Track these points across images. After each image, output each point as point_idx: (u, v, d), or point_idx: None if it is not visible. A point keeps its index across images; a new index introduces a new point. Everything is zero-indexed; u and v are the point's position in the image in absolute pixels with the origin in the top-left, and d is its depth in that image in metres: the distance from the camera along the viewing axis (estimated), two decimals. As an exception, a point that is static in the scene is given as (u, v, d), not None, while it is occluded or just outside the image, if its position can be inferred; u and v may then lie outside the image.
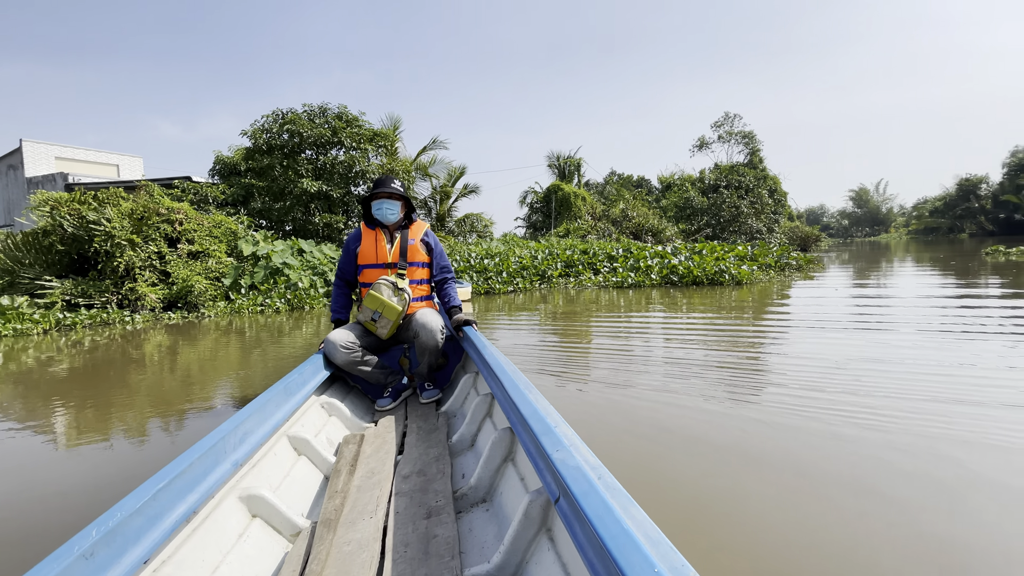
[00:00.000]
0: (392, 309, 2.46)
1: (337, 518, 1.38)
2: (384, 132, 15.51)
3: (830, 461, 2.23)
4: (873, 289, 9.11)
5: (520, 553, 1.10)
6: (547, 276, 11.61)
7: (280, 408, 1.75)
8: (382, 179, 2.64)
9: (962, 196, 43.93)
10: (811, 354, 4.27)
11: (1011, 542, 1.63)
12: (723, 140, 32.83)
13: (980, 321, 5.40)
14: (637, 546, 0.70)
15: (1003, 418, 2.62)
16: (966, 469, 2.10)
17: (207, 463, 1.25)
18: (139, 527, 0.99)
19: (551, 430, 1.12)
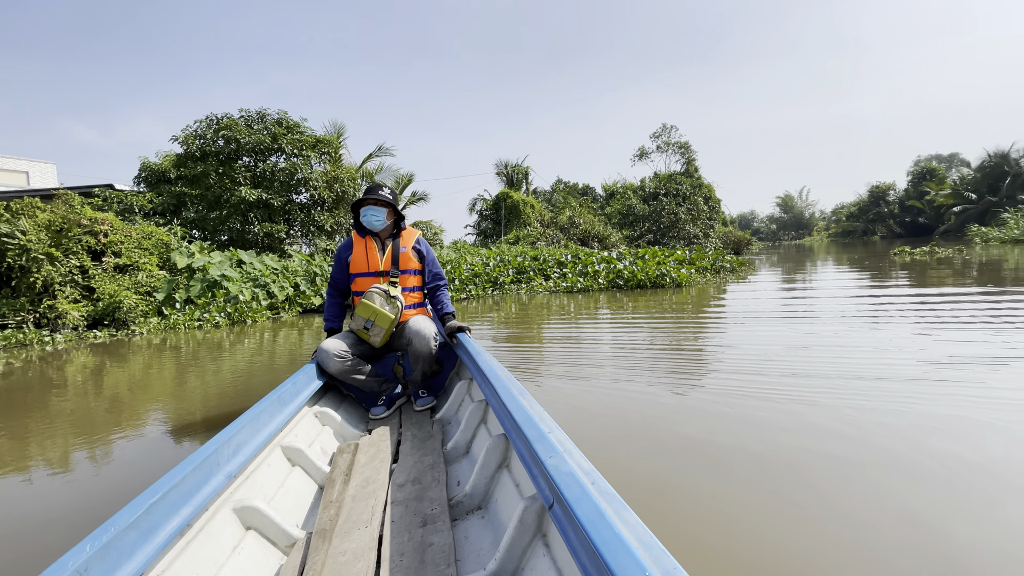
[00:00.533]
0: (385, 317, 2.45)
1: (332, 528, 1.38)
2: (327, 138, 15.13)
3: (768, 432, 2.55)
4: (799, 286, 9.93)
5: (516, 560, 1.10)
6: (499, 283, 11.71)
7: (273, 419, 1.74)
8: (371, 187, 2.64)
9: (873, 202, 48.22)
10: (747, 343, 4.73)
11: (912, 465, 2.10)
12: (661, 150, 34.33)
13: (889, 311, 6.08)
14: (629, 550, 0.70)
15: (905, 389, 3.11)
16: (882, 429, 2.55)
17: (200, 475, 1.24)
18: (133, 541, 0.99)
19: (544, 436, 1.12)
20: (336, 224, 15.87)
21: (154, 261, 9.29)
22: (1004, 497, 1.89)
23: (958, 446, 2.31)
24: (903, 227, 44.68)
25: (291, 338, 7.00)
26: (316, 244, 15.69)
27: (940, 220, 38.19)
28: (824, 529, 1.74)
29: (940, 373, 3.41)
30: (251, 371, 4.80)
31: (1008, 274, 9.44)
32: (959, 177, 38.61)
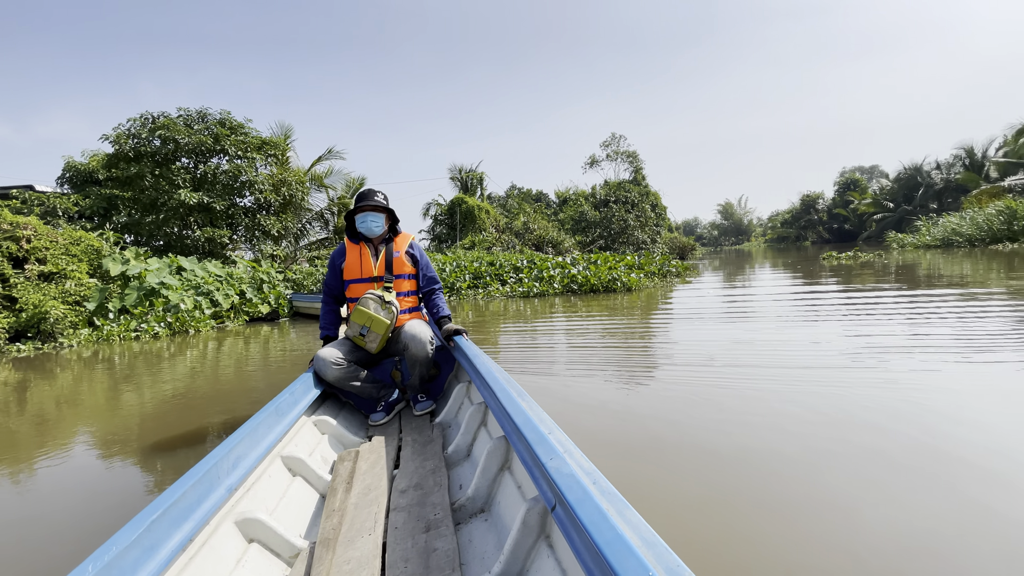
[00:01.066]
0: (380, 323, 2.44)
1: (335, 537, 1.37)
2: (274, 140, 14.63)
3: (715, 412, 2.91)
4: (740, 288, 10.59)
5: (520, 562, 1.10)
6: (456, 288, 11.69)
7: (272, 430, 1.73)
8: (365, 192, 2.62)
9: (804, 210, 51.61)
10: (693, 339, 5.19)
11: (841, 435, 2.37)
12: (611, 159, 35.33)
13: (819, 309, 6.65)
14: (631, 550, 0.71)
15: (833, 376, 3.52)
16: (811, 404, 3.00)
17: (201, 490, 1.23)
18: (135, 559, 0.98)
19: (545, 438, 1.12)
20: (283, 229, 15.33)
21: (84, 268, 8.65)
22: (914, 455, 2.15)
23: (883, 420, 2.68)
24: (831, 233, 48.07)
25: (237, 348, 6.71)
26: (262, 250, 15.09)
27: (863, 227, 41.40)
28: (763, 495, 1.93)
29: (861, 360, 3.86)
30: (192, 387, 4.60)
31: (920, 276, 10.41)
32: (879, 187, 42.07)
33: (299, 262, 17.39)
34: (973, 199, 25.64)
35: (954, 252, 17.79)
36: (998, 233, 18.92)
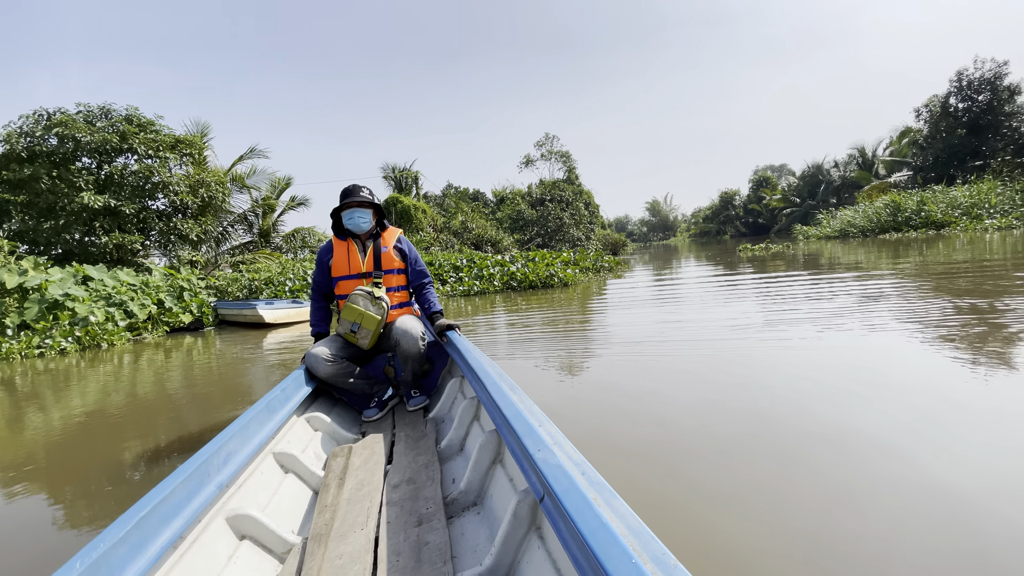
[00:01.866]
0: (371, 319, 2.42)
1: (328, 532, 1.37)
2: (189, 138, 13.73)
3: (649, 382, 3.44)
4: (667, 278, 11.37)
5: (511, 553, 1.11)
6: (392, 290, 11.56)
7: (263, 426, 1.72)
8: (350, 188, 2.57)
9: (723, 206, 55.32)
10: (627, 323, 5.92)
11: (758, 392, 2.74)
12: (545, 158, 36.03)
13: (736, 293, 7.45)
14: (615, 538, 0.71)
15: (749, 347, 4.07)
16: (732, 368, 3.46)
17: (190, 487, 1.23)
18: (123, 556, 0.98)
19: (533, 430, 1.13)
20: (203, 233, 14.40)
21: (-32, 281, 7.73)
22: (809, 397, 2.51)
23: (789, 379, 3.21)
24: (747, 227, 51.87)
25: (157, 362, 6.30)
26: (179, 256, 14.09)
27: (774, 221, 45.05)
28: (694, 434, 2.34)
29: (772, 333, 4.47)
30: (104, 406, 4.31)
31: (823, 264, 11.58)
32: (787, 184, 45.93)
33: (222, 268, 16.40)
34: (865, 194, 28.68)
35: (849, 242, 19.85)
36: (885, 224, 21.32)
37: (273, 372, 5.24)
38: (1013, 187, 19.96)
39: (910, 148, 30.43)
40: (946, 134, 25.95)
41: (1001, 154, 24.35)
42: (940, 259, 9.74)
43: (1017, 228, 16.02)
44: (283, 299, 10.69)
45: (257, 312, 9.09)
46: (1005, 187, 20.36)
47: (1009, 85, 24.13)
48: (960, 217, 18.93)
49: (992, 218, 17.91)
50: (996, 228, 16.73)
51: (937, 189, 22.45)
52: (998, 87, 24.25)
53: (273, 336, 7.94)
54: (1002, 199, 19.17)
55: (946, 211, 19.52)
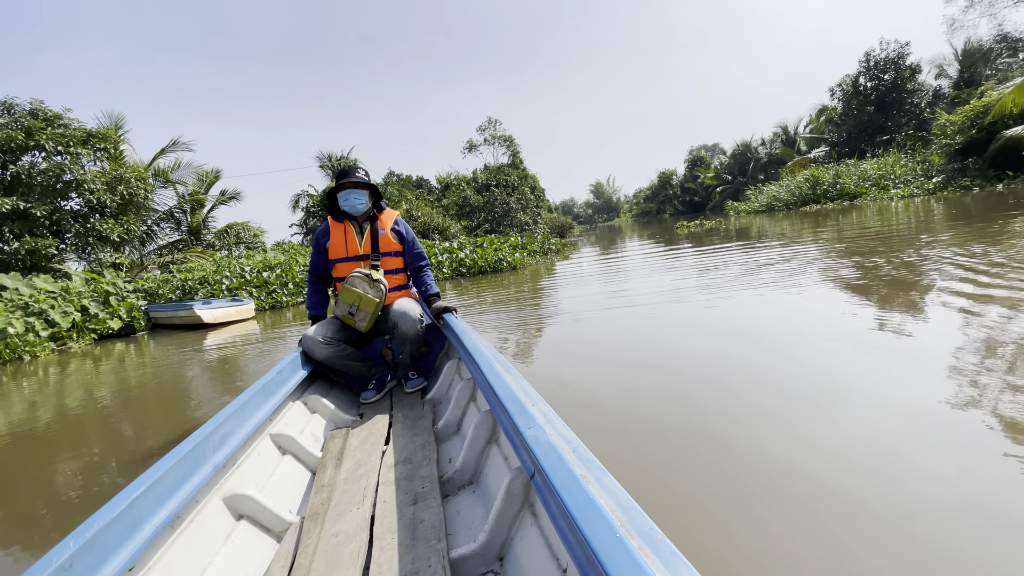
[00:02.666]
0: (369, 301, 2.40)
1: (324, 511, 1.40)
2: (102, 132, 12.71)
3: (605, 336, 4.07)
4: (612, 256, 11.91)
5: (505, 530, 1.13)
6: (339, 282, 11.31)
7: (260, 408, 1.73)
8: (346, 169, 2.53)
9: (662, 186, 57.30)
10: (576, 295, 6.57)
11: (697, 340, 3.31)
12: (488, 143, 35.88)
13: (675, 265, 8.17)
14: (601, 513, 0.72)
15: (689, 308, 4.56)
16: (673, 326, 3.91)
17: (185, 468, 1.25)
18: (118, 536, 1.00)
19: (525, 409, 1.14)
20: (126, 233, 13.42)
21: None
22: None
23: (722, 329, 3.69)
24: (684, 205, 54.05)
25: (85, 372, 5.93)
26: (100, 259, 13.10)
27: (709, 198, 47.19)
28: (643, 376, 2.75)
29: (707, 295, 5.05)
30: (32, 422, 4.06)
31: (752, 236, 12.38)
32: (719, 163, 48.14)
33: (149, 269, 15.37)
34: (788, 170, 30.60)
35: (775, 215, 21.22)
36: (806, 197, 22.93)
37: (218, 373, 5.09)
38: (914, 159, 21.96)
39: (826, 125, 32.67)
40: (857, 111, 28.05)
41: (905, 129, 26.64)
42: (852, 227, 10.68)
43: (918, 196, 17.70)
44: (221, 298, 10.24)
45: (194, 312, 8.67)
46: (908, 159, 22.36)
47: (911, 64, 26.34)
48: (870, 188, 20.66)
49: (897, 188, 19.67)
50: (900, 197, 18.42)
51: (850, 163, 24.33)
52: (901, 66, 26.41)
53: (214, 337, 7.63)
54: (905, 170, 21.07)
55: (858, 183, 21.24)
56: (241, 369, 5.09)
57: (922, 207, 13.45)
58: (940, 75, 27.03)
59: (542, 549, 1.02)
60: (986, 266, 4.74)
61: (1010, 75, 17.92)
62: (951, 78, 26.33)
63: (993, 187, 15.68)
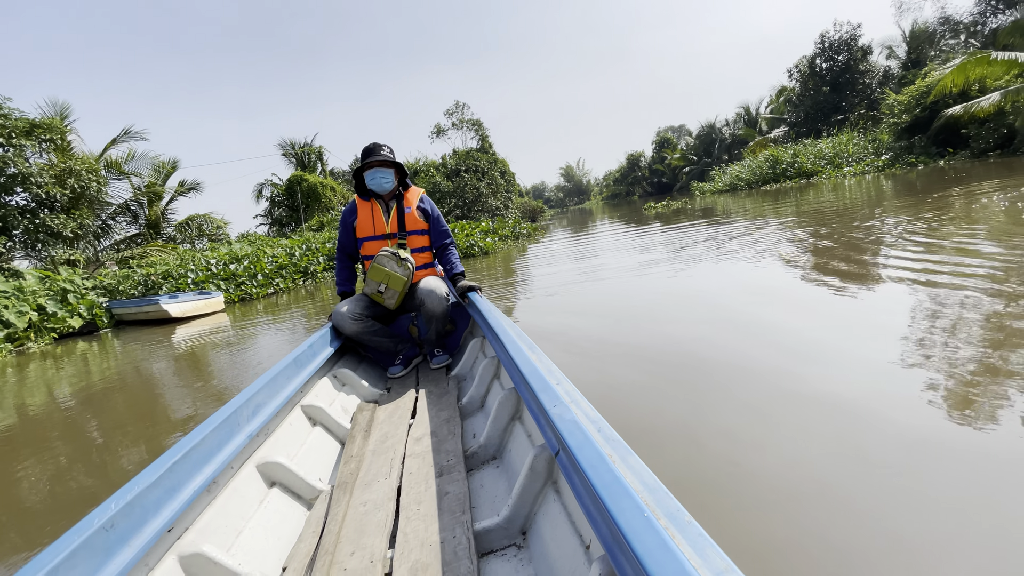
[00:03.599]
0: (397, 280, 2.44)
1: (353, 481, 1.45)
2: (47, 122, 12.10)
3: (582, 306, 4.57)
4: (584, 238, 12.24)
5: (528, 505, 1.15)
6: (310, 272, 11.19)
7: (291, 380, 1.79)
8: (371, 147, 2.55)
9: (631, 168, 57.94)
10: (547, 274, 6.97)
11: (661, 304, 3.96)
12: (457, 127, 35.50)
13: (645, 243, 8.52)
14: (628, 492, 0.72)
15: (658, 282, 5.05)
16: (639, 293, 4.51)
17: (221, 435, 1.30)
18: (158, 498, 1.05)
19: (550, 387, 1.15)
20: (79, 228, 12.88)
21: None
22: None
23: (687, 292, 4.25)
24: (653, 187, 54.87)
25: (47, 374, 5.80)
26: (52, 256, 12.56)
27: (676, 179, 48.08)
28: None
29: (676, 268, 5.36)
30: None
31: (717, 214, 12.80)
32: (686, 144, 48.95)
33: (107, 265, 14.81)
34: (750, 150, 31.44)
35: (738, 194, 21.88)
36: (766, 176, 23.70)
37: (192, 367, 5.08)
38: (866, 137, 22.90)
39: (786, 106, 33.59)
40: (813, 92, 28.93)
41: (857, 108, 27.67)
42: (808, 204, 11.18)
43: (869, 174, 18.54)
44: (188, 292, 10.02)
45: (161, 307, 8.49)
46: (860, 138, 23.31)
47: (863, 46, 27.26)
48: (825, 167, 21.49)
49: (849, 166, 20.54)
50: (853, 175, 19.25)
51: (807, 142, 25.18)
52: (854, 48, 27.31)
53: (184, 331, 7.52)
54: (858, 148, 21.98)
55: (814, 162, 22.07)
56: (218, 361, 5.08)
57: (872, 184, 14.13)
58: (890, 56, 28.06)
59: (565, 525, 1.03)
60: (926, 238, 5.13)
61: (951, 56, 18.80)
62: (900, 59, 27.38)
63: (936, 163, 16.58)
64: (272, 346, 5.40)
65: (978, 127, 15.53)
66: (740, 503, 1.59)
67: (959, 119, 15.64)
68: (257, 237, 17.75)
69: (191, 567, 1.05)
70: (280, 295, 10.01)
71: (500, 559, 1.12)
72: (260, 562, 1.18)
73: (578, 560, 0.94)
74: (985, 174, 10.94)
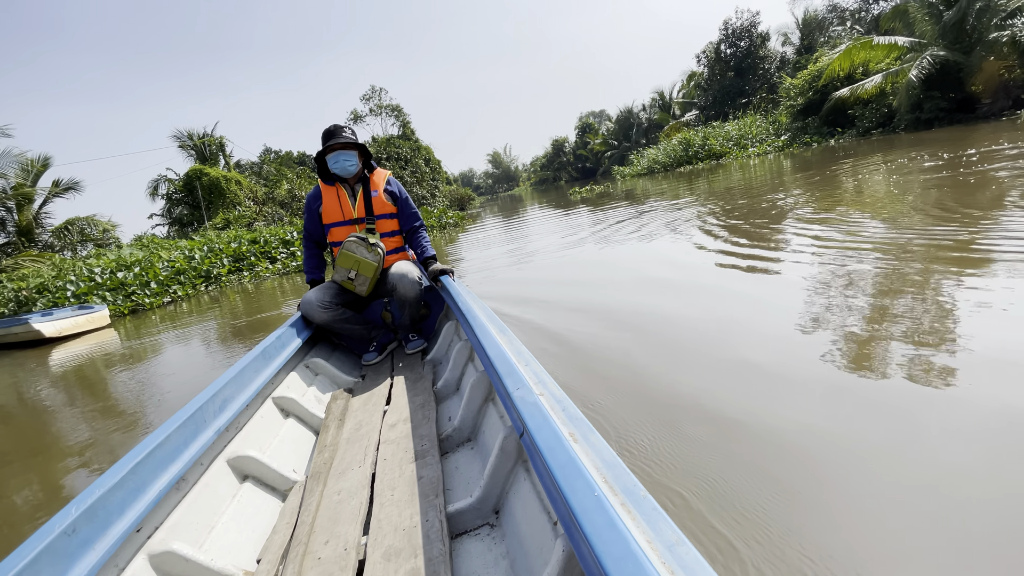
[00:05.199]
0: (368, 265, 2.36)
1: (327, 470, 1.44)
2: None
3: (522, 291, 4.50)
4: (514, 224, 12.22)
5: (500, 485, 1.17)
6: (213, 276, 10.21)
7: (260, 373, 1.75)
8: (332, 129, 2.44)
9: (556, 153, 58.72)
10: (480, 259, 7.23)
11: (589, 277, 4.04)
12: (375, 113, 34.08)
13: (572, 227, 8.83)
14: (581, 472, 0.74)
15: (585, 258, 5.40)
16: (580, 271, 4.75)
17: (187, 432, 1.28)
18: (122, 500, 1.03)
19: (514, 370, 1.16)
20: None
21: None
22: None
23: (604, 264, 4.62)
24: (578, 172, 55.98)
25: None
26: None
27: (599, 164, 49.32)
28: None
29: (600, 247, 5.83)
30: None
31: (636, 197, 13.16)
32: (606, 129, 50.21)
33: (-32, 281, 12.74)
34: (665, 134, 32.78)
35: (655, 177, 22.76)
36: (680, 159, 24.79)
37: (71, 395, 4.40)
38: (767, 119, 24.56)
39: (696, 90, 35.30)
40: (720, 76, 30.59)
41: (759, 92, 29.59)
42: (718, 183, 11.77)
43: (771, 154, 19.91)
44: (66, 307, 8.80)
45: (32, 327, 7.39)
46: (762, 120, 24.96)
47: (761, 32, 29.08)
48: (732, 148, 22.83)
49: (754, 147, 21.95)
50: (757, 155, 20.59)
51: (716, 125, 26.61)
52: (753, 34, 29.08)
53: (62, 352, 6.59)
54: (760, 130, 23.53)
55: (723, 144, 23.36)
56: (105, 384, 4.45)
57: (773, 163, 15.16)
58: (785, 43, 30.20)
59: (535, 503, 1.06)
60: (817, 211, 5.49)
61: (839, 42, 20.48)
62: (794, 45, 29.54)
63: (827, 142, 18.09)
64: (175, 360, 4.82)
65: (862, 108, 17.06)
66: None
67: (846, 101, 17.09)
68: (152, 240, 16.02)
69: (162, 565, 1.05)
70: (179, 303, 9.03)
71: (473, 539, 1.15)
72: (234, 556, 1.18)
73: (546, 536, 0.97)
74: (869, 151, 12.02)
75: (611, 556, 0.60)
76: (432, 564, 1.02)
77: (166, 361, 4.93)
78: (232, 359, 4.25)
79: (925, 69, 13.38)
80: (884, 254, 3.52)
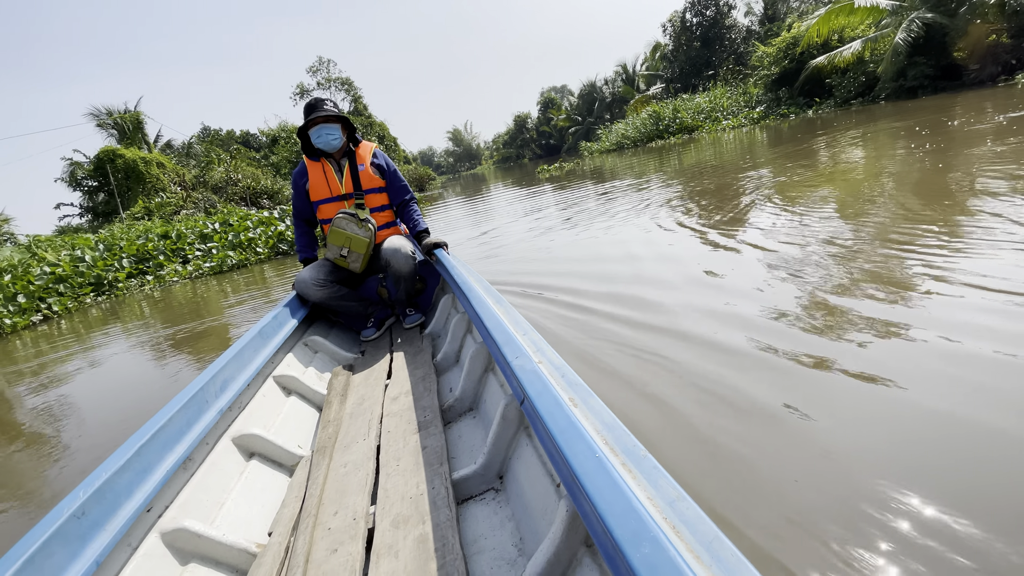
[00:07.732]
0: (360, 242, 2.35)
1: (332, 445, 1.49)
2: None
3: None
4: (479, 204, 11.78)
5: (503, 451, 1.22)
6: (107, 283, 8.32)
7: (259, 352, 1.77)
8: (314, 102, 2.39)
9: (518, 130, 56.74)
10: (459, 241, 6.73)
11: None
12: (323, 86, 31.55)
13: (540, 206, 8.63)
14: (581, 434, 0.76)
15: (557, 239, 5.00)
16: (551, 248, 4.62)
17: (189, 414, 1.30)
18: (129, 481, 1.06)
19: (513, 340, 1.17)
20: None
21: None
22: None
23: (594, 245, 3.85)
24: (542, 149, 54.28)
25: None
26: None
27: (563, 140, 47.81)
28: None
29: (572, 227, 5.39)
30: None
31: (606, 174, 11.92)
32: (569, 104, 48.56)
33: None
34: (631, 108, 31.54)
35: (625, 153, 21.59)
36: (651, 133, 23.67)
37: None
38: (737, 91, 23.65)
39: (661, 62, 34.09)
40: (686, 47, 29.47)
41: (727, 63, 28.64)
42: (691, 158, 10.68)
43: (745, 127, 18.97)
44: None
45: None
46: (732, 92, 24.04)
47: (727, 1, 27.99)
48: (705, 121, 21.83)
49: (727, 119, 20.99)
50: (731, 128, 19.64)
51: (685, 97, 25.56)
52: (720, 3, 27.96)
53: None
54: (731, 102, 22.60)
55: (694, 117, 22.33)
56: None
57: (748, 136, 14.17)
58: (748, 13, 29.25)
59: (538, 466, 1.09)
60: (794, 186, 5.15)
61: (810, 10, 19.58)
62: (756, 15, 28.61)
63: (806, 113, 17.25)
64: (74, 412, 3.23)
65: (840, 77, 16.22)
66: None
67: (823, 69, 16.21)
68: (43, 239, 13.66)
69: (175, 542, 1.08)
70: (54, 321, 7.18)
71: (479, 503, 1.20)
72: (245, 530, 1.21)
73: (550, 498, 1.01)
74: (850, 122, 11.17)
75: (613, 514, 0.62)
76: (440, 529, 1.06)
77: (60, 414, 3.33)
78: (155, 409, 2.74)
79: (914, 32, 12.49)
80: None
